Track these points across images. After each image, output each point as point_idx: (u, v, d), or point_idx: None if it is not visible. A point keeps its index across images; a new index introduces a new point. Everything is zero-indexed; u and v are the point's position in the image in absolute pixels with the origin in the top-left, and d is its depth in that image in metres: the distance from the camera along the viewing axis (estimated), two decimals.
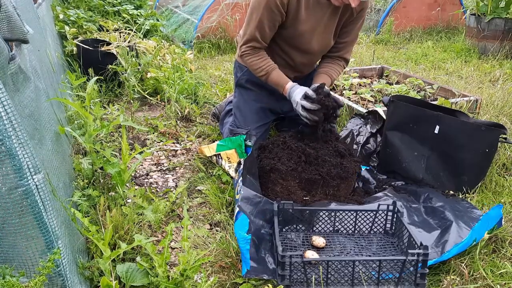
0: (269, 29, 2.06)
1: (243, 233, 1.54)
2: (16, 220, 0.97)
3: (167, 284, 1.32)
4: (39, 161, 0.99)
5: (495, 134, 1.93)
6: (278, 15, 2.02)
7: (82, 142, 1.83)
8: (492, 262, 1.56)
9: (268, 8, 1.98)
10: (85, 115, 1.83)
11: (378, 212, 1.73)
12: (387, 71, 3.55)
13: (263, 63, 2.13)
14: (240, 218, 1.59)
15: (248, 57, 2.15)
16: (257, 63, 2.13)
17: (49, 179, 1.18)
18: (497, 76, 3.70)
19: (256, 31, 2.06)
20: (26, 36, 1.20)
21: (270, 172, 1.91)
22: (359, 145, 2.31)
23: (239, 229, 1.55)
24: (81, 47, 3.25)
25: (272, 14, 2.00)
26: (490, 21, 4.33)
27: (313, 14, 2.06)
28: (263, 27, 2.04)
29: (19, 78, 1.21)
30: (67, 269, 1.09)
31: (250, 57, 2.14)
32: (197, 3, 5.31)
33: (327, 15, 2.08)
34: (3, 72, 1.05)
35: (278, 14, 2.01)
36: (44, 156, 1.30)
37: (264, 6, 1.98)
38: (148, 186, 2.12)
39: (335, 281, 1.43)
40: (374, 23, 5.67)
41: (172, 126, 2.75)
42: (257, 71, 2.15)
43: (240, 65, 2.41)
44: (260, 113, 2.34)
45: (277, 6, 1.97)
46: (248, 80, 2.36)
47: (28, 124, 1.21)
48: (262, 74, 2.14)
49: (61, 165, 1.59)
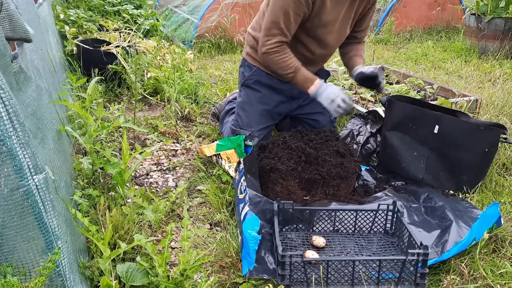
0: (294, 21, 2.01)
1: (254, 233, 1.52)
2: (17, 222, 0.97)
3: (167, 284, 1.32)
4: (40, 161, 0.99)
5: (495, 134, 1.93)
6: (305, 6, 1.98)
7: (82, 143, 1.83)
8: (492, 262, 1.56)
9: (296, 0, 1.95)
10: (85, 116, 1.83)
11: (378, 212, 1.74)
12: (387, 71, 3.55)
13: (291, 61, 2.07)
14: (251, 218, 1.56)
15: (275, 55, 2.07)
16: (286, 61, 2.07)
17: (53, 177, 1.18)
18: (497, 76, 3.70)
19: (282, 24, 2.00)
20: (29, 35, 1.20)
21: (270, 171, 1.91)
22: (359, 145, 2.31)
23: (248, 228, 1.53)
24: (81, 47, 3.25)
25: (300, 6, 1.96)
26: (490, 21, 4.33)
27: (336, 5, 2.06)
28: (290, 19, 1.99)
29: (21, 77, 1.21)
30: (66, 269, 1.09)
31: (277, 55, 2.07)
32: (197, 2, 5.31)
33: (346, 5, 2.09)
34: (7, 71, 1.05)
35: (305, 5, 1.97)
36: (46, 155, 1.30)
37: None
38: (148, 186, 2.13)
39: (335, 281, 1.44)
40: (374, 23, 5.67)
41: (172, 126, 2.75)
42: (284, 69, 2.09)
43: (249, 64, 2.34)
44: (265, 116, 2.31)
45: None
46: (257, 81, 2.30)
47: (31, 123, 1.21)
48: (289, 71, 2.08)
49: (62, 164, 1.59)
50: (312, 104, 2.33)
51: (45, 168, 1.00)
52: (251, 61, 2.33)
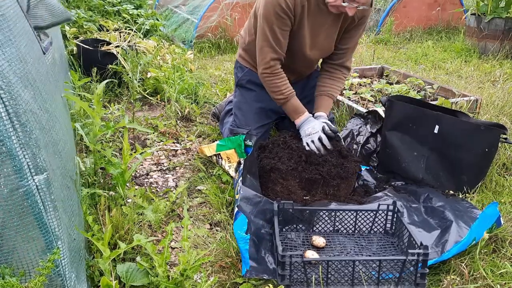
0: (282, 37, 2.03)
1: (242, 233, 1.54)
2: (17, 222, 0.97)
3: (167, 284, 1.32)
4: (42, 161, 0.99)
5: (495, 134, 1.93)
6: (287, 20, 2.00)
7: (87, 142, 1.84)
8: (492, 262, 1.56)
9: (276, 14, 1.97)
10: (92, 115, 1.83)
11: (378, 212, 1.73)
12: (387, 71, 3.55)
13: (283, 87, 2.10)
14: (239, 218, 1.59)
15: (270, 77, 2.10)
16: (278, 86, 2.10)
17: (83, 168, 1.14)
18: (497, 76, 3.70)
19: (272, 41, 2.03)
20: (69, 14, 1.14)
21: (270, 171, 1.91)
22: (359, 145, 2.31)
23: (238, 229, 1.56)
24: (81, 47, 3.25)
25: (282, 20, 1.99)
26: (490, 21, 4.33)
27: (314, 21, 2.06)
28: (277, 35, 2.02)
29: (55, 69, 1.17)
30: (66, 269, 1.09)
31: (271, 78, 2.10)
32: (197, 2, 5.31)
33: (328, 21, 2.08)
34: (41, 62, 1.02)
35: (287, 19, 2.00)
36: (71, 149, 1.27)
37: (273, 13, 1.97)
38: (148, 186, 2.13)
39: (335, 281, 1.44)
40: (374, 23, 5.67)
41: (172, 126, 2.75)
42: (276, 93, 2.12)
43: (241, 66, 2.40)
44: (261, 114, 2.34)
45: (285, 11, 1.96)
46: (249, 81, 2.36)
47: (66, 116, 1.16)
48: (281, 97, 2.11)
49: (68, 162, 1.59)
50: (308, 106, 2.34)
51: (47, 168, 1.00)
52: (243, 62, 2.39)
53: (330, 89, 2.23)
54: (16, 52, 0.97)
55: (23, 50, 1.01)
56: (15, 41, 0.99)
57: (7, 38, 0.95)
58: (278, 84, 2.10)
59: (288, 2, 1.95)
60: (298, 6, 1.99)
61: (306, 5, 2.00)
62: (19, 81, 0.95)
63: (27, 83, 1.00)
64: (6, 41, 0.94)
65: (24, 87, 0.97)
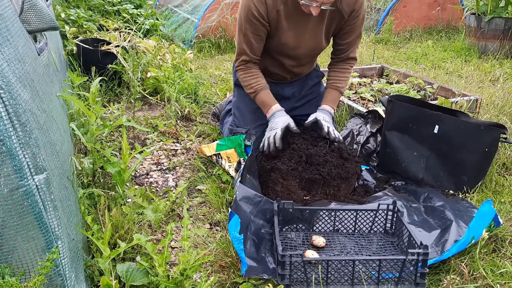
0: (255, 41, 2.08)
1: (235, 233, 1.55)
2: (17, 221, 0.97)
3: (167, 284, 1.32)
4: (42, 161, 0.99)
5: (495, 133, 1.93)
6: (260, 26, 2.03)
7: (84, 141, 1.84)
8: (492, 261, 1.56)
9: (249, 21, 2.01)
10: (88, 114, 1.83)
11: (378, 211, 1.73)
12: (387, 71, 3.55)
13: (252, 81, 2.15)
14: (233, 219, 1.59)
15: (240, 72, 2.19)
16: (247, 80, 2.16)
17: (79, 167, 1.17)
18: (497, 75, 3.70)
19: (244, 45, 2.09)
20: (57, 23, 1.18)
21: (271, 171, 1.91)
22: (359, 145, 2.31)
23: (232, 230, 1.56)
24: (81, 47, 3.25)
25: (254, 26, 2.02)
26: (490, 21, 4.33)
27: (294, 22, 2.06)
28: (249, 40, 2.07)
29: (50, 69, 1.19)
30: (66, 269, 1.09)
31: (241, 73, 2.18)
32: (197, 2, 5.31)
33: (311, 21, 2.07)
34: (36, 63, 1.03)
35: (260, 25, 2.02)
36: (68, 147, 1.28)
37: (245, 19, 2.01)
38: (148, 186, 2.13)
39: (335, 280, 1.44)
40: (374, 22, 5.67)
41: (172, 125, 2.75)
42: (247, 87, 2.19)
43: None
44: (259, 113, 2.34)
45: (257, 18, 1.99)
46: None
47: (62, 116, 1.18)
48: (250, 91, 2.18)
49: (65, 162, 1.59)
50: (305, 106, 2.34)
51: (46, 168, 1.00)
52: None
53: (335, 81, 2.25)
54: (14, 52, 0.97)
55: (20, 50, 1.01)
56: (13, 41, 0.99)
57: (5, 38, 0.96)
58: (248, 79, 2.16)
59: (259, 10, 1.98)
60: (272, 11, 2.00)
61: (282, 9, 2.01)
62: (18, 81, 0.95)
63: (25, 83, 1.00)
64: (4, 41, 0.95)
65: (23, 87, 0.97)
